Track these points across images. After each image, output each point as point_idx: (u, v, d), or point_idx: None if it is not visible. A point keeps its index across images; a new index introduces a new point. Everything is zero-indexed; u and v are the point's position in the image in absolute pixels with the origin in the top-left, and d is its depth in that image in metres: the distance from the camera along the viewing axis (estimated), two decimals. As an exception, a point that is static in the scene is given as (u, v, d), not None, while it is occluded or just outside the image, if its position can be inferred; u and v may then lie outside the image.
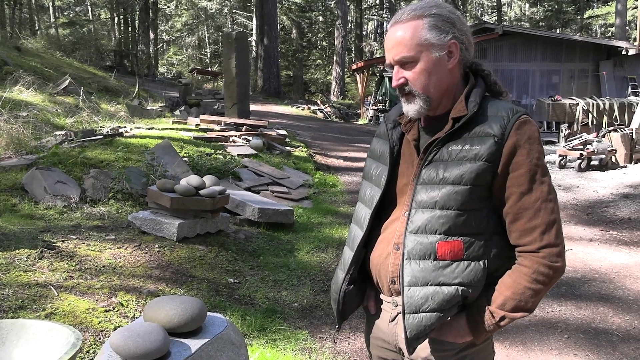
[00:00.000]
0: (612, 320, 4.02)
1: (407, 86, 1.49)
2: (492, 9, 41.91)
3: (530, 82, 19.06)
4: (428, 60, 1.46)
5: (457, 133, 1.46)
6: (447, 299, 1.42)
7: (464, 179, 1.42)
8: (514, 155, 1.41)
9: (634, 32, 20.99)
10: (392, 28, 1.50)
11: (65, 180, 5.63)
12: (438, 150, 1.47)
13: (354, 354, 3.44)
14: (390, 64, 1.51)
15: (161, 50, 36.95)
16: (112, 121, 9.74)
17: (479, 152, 1.42)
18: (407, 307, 1.45)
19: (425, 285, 1.44)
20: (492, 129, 1.43)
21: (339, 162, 10.36)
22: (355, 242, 1.61)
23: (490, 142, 1.42)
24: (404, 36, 1.46)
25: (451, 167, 1.44)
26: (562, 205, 7.51)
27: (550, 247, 1.41)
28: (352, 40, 35.06)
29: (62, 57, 17.71)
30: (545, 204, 1.42)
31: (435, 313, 1.42)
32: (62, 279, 3.55)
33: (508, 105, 1.48)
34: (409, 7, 1.49)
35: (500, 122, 1.43)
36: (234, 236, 5.11)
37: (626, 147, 10.40)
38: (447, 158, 1.45)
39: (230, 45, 11.54)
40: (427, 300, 1.43)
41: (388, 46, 1.50)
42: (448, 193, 1.43)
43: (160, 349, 1.80)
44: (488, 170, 1.42)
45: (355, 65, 22.40)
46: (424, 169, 1.48)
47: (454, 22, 1.48)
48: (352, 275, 1.61)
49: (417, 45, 1.45)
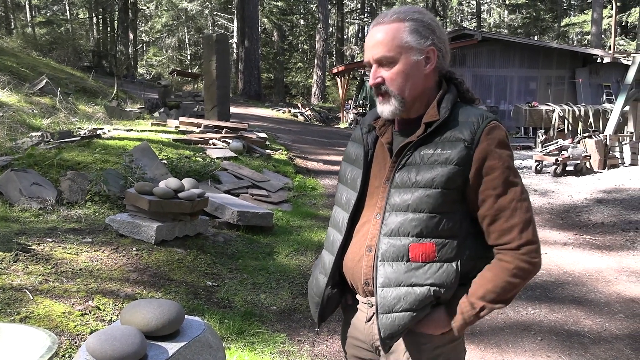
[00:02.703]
0: (584, 322, 4.11)
1: (383, 86, 1.52)
2: (471, 15, 42.44)
3: (508, 88, 19.34)
4: (406, 62, 1.50)
5: (428, 137, 1.50)
6: (419, 299, 1.46)
7: (435, 183, 1.46)
8: (485, 160, 1.46)
9: (609, 40, 21.43)
10: (374, 28, 1.53)
11: (41, 182, 5.56)
12: (411, 155, 1.50)
13: (332, 357, 3.46)
14: (369, 63, 1.54)
15: (140, 51, 36.62)
16: (90, 122, 9.63)
17: (450, 156, 1.46)
18: (380, 307, 1.48)
19: (398, 286, 1.47)
20: (463, 134, 1.47)
21: (319, 166, 10.39)
22: (335, 246, 1.63)
23: (460, 147, 1.46)
24: (385, 36, 1.49)
25: (423, 171, 1.48)
26: (538, 209, 7.64)
27: (530, 245, 1.46)
28: (333, 43, 35.20)
29: (39, 57, 17.44)
30: (520, 203, 1.46)
31: (408, 313, 1.46)
32: (38, 283, 3.51)
33: (478, 111, 1.53)
34: (392, 10, 1.53)
35: (471, 127, 1.47)
36: (212, 239, 5.10)
37: (600, 153, 10.62)
38: (420, 162, 1.49)
39: (211, 47, 11.50)
40: (399, 300, 1.47)
41: (368, 45, 1.53)
42: (420, 196, 1.47)
43: (137, 352, 1.80)
44: (458, 173, 1.46)
45: (336, 69, 22.48)
46: (397, 173, 1.51)
47: (434, 30, 1.52)
48: (334, 279, 1.64)
49: (397, 46, 1.49)
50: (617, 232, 6.46)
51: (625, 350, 3.65)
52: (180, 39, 34.82)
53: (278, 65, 31.50)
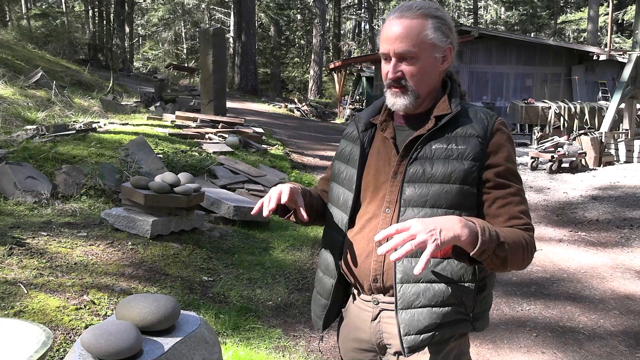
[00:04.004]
0: (579, 319, 4.12)
1: (403, 80, 1.50)
2: (468, 11, 42.40)
3: (505, 85, 19.36)
4: (428, 59, 1.50)
5: (439, 132, 1.51)
6: (437, 295, 1.46)
7: (453, 178, 1.47)
8: (497, 153, 1.50)
9: (605, 38, 21.47)
10: (397, 20, 1.49)
11: (36, 175, 5.53)
12: (421, 148, 1.50)
13: (327, 352, 3.46)
14: (388, 55, 1.50)
15: (137, 45, 36.45)
16: (86, 116, 9.58)
17: (465, 151, 1.48)
18: (400, 303, 1.48)
19: (417, 282, 1.47)
20: (475, 130, 1.50)
21: (315, 161, 10.38)
22: (336, 247, 1.62)
23: (475, 143, 1.48)
24: (410, 31, 1.47)
25: (437, 166, 1.48)
26: (534, 206, 7.66)
27: (533, 232, 1.51)
28: (330, 39, 35.10)
29: (34, 50, 17.33)
30: (522, 193, 1.54)
31: (427, 308, 1.46)
32: (32, 277, 3.49)
33: (483, 108, 1.57)
34: (416, 4, 1.51)
35: (482, 123, 1.51)
36: (208, 234, 5.09)
37: (595, 150, 10.65)
38: (432, 156, 1.49)
39: (208, 41, 11.45)
40: (418, 296, 1.47)
41: (389, 37, 1.49)
42: (438, 192, 1.47)
43: (132, 347, 1.79)
44: (475, 169, 1.48)
45: (333, 65, 22.47)
46: (410, 166, 1.50)
47: (452, 29, 1.53)
48: (339, 280, 1.63)
49: (422, 42, 1.48)
50: (612, 229, 6.48)
51: (620, 347, 3.67)
52: (177, 32, 34.66)
53: (275, 60, 31.41)
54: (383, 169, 1.57)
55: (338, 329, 1.74)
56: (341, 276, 1.64)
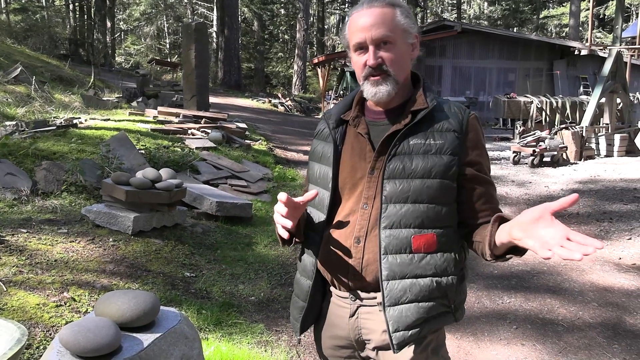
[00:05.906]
0: (558, 311, 4.18)
1: (384, 65, 1.49)
2: (452, 6, 42.56)
3: (488, 80, 19.50)
4: (402, 44, 1.51)
5: (415, 127, 1.50)
6: (423, 290, 1.47)
7: (434, 173, 1.48)
8: (475, 149, 1.52)
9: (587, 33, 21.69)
10: (367, 10, 1.49)
11: (15, 172, 5.45)
12: (399, 144, 1.50)
13: (310, 346, 3.47)
14: (364, 43, 1.49)
15: (118, 40, 36.03)
16: (66, 112, 9.46)
17: (443, 146, 1.49)
18: (387, 300, 1.47)
19: (403, 278, 1.47)
20: (451, 125, 1.51)
21: (298, 156, 10.37)
22: (314, 247, 1.61)
23: (452, 137, 1.50)
24: (384, 17, 1.48)
25: (417, 161, 1.48)
26: (515, 200, 7.74)
27: None
28: (314, 34, 35.06)
29: (13, 45, 17.07)
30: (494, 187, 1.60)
31: (414, 304, 1.47)
32: (12, 274, 3.46)
33: (455, 102, 1.58)
34: None
35: (457, 118, 1.52)
36: (191, 230, 5.07)
37: (576, 145, 10.78)
38: (410, 152, 1.49)
39: (190, 36, 11.37)
40: (405, 292, 1.47)
41: (365, 25, 1.47)
42: (419, 187, 1.47)
43: (111, 343, 1.78)
44: (455, 163, 1.49)
45: (317, 59, 22.40)
46: (389, 162, 1.49)
47: (415, 20, 1.55)
48: (316, 281, 1.62)
49: (396, 27, 1.49)
50: (592, 222, 6.58)
51: (598, 338, 3.73)
52: (159, 27, 34.32)
53: (258, 55, 31.25)
54: (359, 165, 1.55)
55: (315, 326, 1.71)
56: (318, 277, 1.62)
